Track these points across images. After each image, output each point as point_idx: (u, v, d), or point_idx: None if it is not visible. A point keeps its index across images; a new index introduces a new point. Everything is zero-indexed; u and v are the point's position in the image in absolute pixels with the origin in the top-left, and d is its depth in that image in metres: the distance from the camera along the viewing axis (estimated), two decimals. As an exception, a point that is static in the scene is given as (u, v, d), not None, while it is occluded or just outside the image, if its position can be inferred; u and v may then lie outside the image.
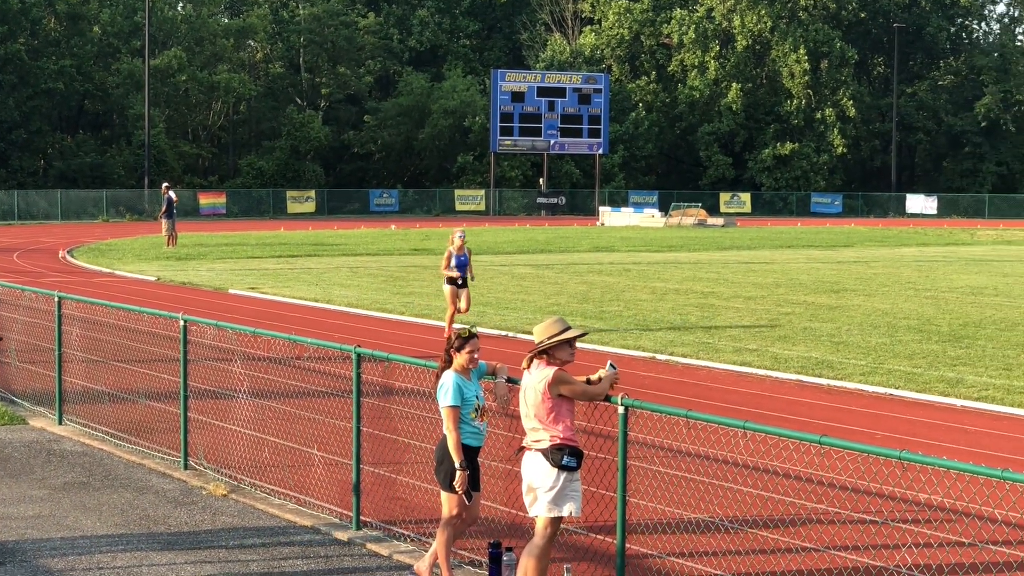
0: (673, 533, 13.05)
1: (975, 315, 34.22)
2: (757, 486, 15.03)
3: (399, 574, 11.97)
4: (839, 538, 13.13)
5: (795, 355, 26.41)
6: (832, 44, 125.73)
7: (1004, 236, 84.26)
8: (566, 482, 10.47)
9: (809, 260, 57.95)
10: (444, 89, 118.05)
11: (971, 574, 12.00)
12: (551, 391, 10.55)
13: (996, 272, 50.96)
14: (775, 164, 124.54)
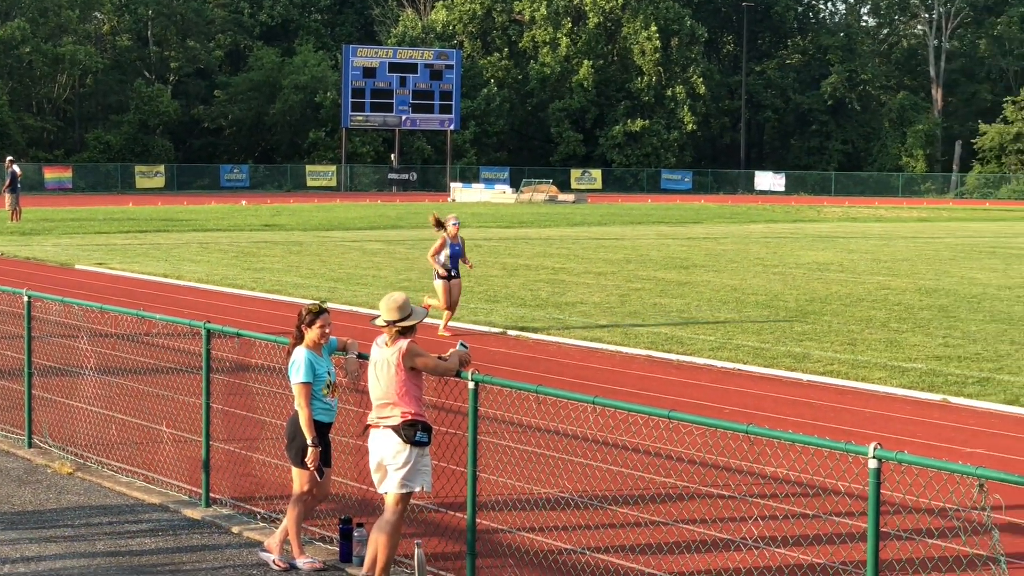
0: (524, 508, 13.09)
1: (821, 291, 34.70)
2: (607, 461, 15.14)
3: (249, 551, 11.86)
4: (688, 511, 13.29)
5: (645, 331, 26.62)
6: (682, 22, 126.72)
7: (849, 213, 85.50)
8: (418, 458, 10.55)
9: (659, 236, 58.33)
10: (295, 64, 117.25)
11: (815, 545, 12.21)
12: (405, 363, 10.58)
13: (841, 248, 51.70)
14: (626, 141, 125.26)
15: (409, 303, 10.77)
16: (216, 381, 13.97)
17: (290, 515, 11.34)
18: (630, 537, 12.46)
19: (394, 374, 10.59)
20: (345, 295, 31.61)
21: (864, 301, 32.36)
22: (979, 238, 58.95)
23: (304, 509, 11.40)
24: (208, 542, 12.30)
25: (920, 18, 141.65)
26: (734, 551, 12.01)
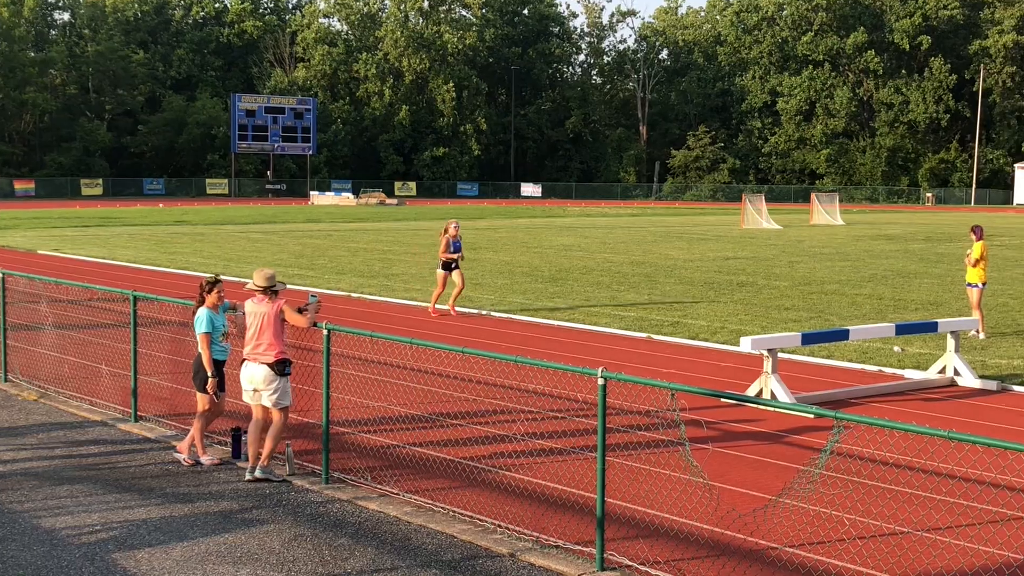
0: (363, 417, 13.11)
1: (566, 264, 35.10)
2: (421, 383, 15.18)
3: (166, 453, 11.72)
4: (475, 417, 13.35)
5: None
6: (470, 80, 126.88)
7: (586, 211, 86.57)
8: (284, 384, 10.74)
9: (455, 227, 58.49)
10: (196, 107, 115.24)
11: (563, 437, 12.34)
12: (279, 316, 10.74)
13: (580, 236, 52.29)
14: (432, 162, 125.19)
15: (275, 276, 10.91)
16: (141, 332, 13.73)
17: (196, 426, 11.36)
18: (437, 435, 12.50)
19: (269, 324, 10.65)
20: (235, 270, 31.06)
21: (595, 271, 32.81)
22: (671, 228, 60.08)
23: (206, 422, 11.44)
24: (137, 447, 12.10)
25: (631, 78, 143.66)
26: (507, 443, 12.12)
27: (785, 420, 13.28)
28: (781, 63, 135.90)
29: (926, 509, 9.81)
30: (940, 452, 11.56)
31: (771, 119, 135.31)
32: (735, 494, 10.13)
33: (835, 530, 9.23)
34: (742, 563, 8.48)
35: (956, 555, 8.70)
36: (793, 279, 30.97)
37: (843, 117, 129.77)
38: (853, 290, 28.13)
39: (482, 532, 9.22)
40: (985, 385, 15.69)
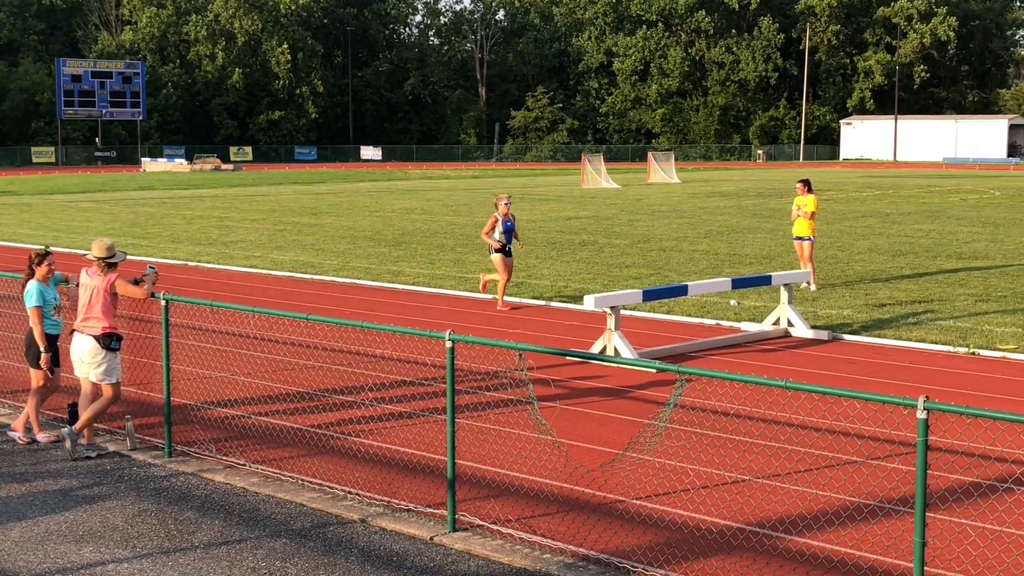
0: (205, 388, 12.86)
1: (409, 227, 34.98)
2: (265, 351, 14.95)
3: (0, 433, 11.31)
4: (317, 382, 13.24)
5: (287, 259, 26.32)
6: (305, 41, 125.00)
7: (427, 174, 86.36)
8: (112, 359, 10.42)
9: (295, 193, 57.64)
10: (19, 72, 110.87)
11: (406, 392, 12.32)
12: (111, 289, 10.41)
13: (422, 199, 52.15)
14: (268, 126, 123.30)
15: (114, 247, 10.57)
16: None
17: (30, 403, 10.98)
18: (283, 404, 12.34)
19: (100, 297, 10.36)
20: (65, 241, 30.12)
21: (438, 234, 32.77)
22: (513, 189, 60.30)
23: (40, 399, 11.05)
24: (-31, 426, 11.64)
25: (469, 38, 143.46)
26: (355, 409, 12.05)
27: (629, 375, 13.49)
28: (616, 23, 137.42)
29: (765, 457, 10.09)
30: (777, 401, 11.91)
31: (607, 79, 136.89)
32: (582, 450, 10.26)
33: (679, 481, 9.43)
34: (591, 517, 8.60)
35: (795, 500, 8.98)
36: (633, 237, 31.45)
37: (677, 77, 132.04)
38: (690, 246, 28.71)
39: (332, 499, 9.16)
40: (817, 335, 16.20)
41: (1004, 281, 21.95)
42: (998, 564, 7.64)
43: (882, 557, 7.82)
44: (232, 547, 8.22)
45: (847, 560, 7.75)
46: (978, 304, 19.02)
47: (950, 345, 15.43)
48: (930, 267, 24.34)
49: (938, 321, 17.35)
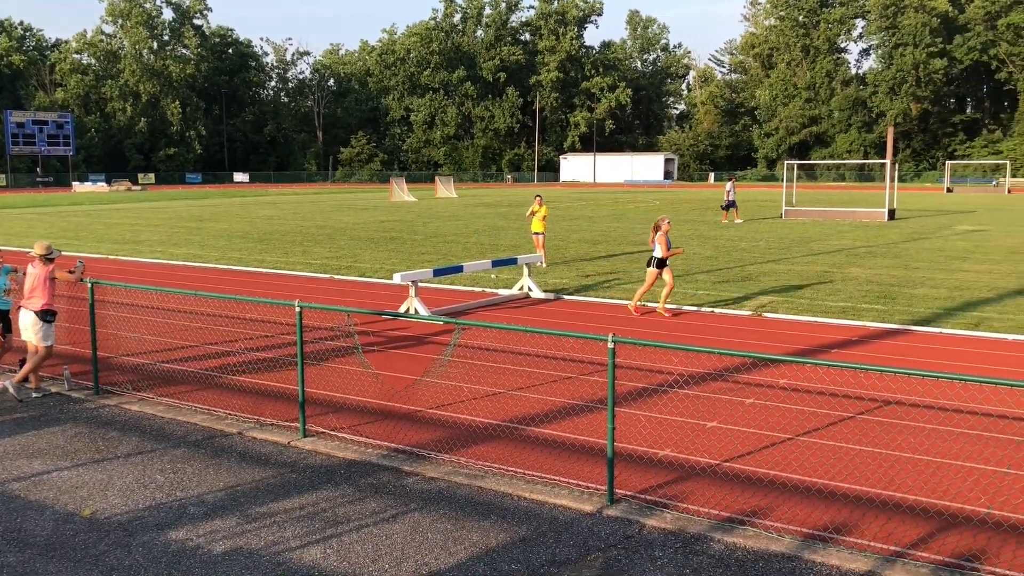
0: (126, 347, 12.14)
1: (270, 229, 33.78)
2: (164, 317, 14.20)
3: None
4: (192, 339, 12.70)
5: (181, 252, 25.00)
6: (192, 99, 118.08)
7: (282, 192, 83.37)
8: (48, 328, 9.76)
9: (186, 206, 54.67)
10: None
11: (268, 370, 11.92)
12: (50, 275, 9.73)
13: (279, 209, 50.30)
14: (166, 159, 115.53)
15: (52, 246, 9.91)
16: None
17: (-10, 360, 10.10)
18: (180, 354, 11.76)
19: (40, 282, 9.65)
20: (15, 243, 27.78)
21: (290, 233, 31.78)
22: (343, 202, 59.15)
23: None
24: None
25: (310, 98, 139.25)
26: (232, 356, 11.61)
27: (426, 327, 13.47)
28: (411, 89, 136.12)
29: (515, 376, 10.26)
30: (522, 340, 12.11)
31: (407, 127, 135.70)
32: (395, 379, 10.19)
33: (459, 395, 9.49)
34: (400, 422, 8.56)
35: (534, 404, 9.17)
36: (426, 234, 31.33)
37: (453, 126, 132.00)
38: (465, 239, 28.81)
39: (217, 419, 8.81)
40: (547, 296, 16.54)
41: (663, 259, 22.94)
42: (659, 439, 8.00)
43: (589, 438, 8.08)
44: (145, 455, 7.82)
45: (568, 441, 7.98)
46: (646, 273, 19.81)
47: (629, 300, 16.02)
48: (617, 251, 25.17)
49: (623, 285, 17.96)
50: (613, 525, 6.21)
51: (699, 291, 16.97)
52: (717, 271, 20.02)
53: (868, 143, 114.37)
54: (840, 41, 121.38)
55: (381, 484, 7.04)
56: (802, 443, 7.85)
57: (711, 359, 11.06)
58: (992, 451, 7.62)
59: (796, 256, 23.23)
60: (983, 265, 21.02)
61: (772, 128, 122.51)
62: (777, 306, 15.17)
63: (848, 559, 5.62)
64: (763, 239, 28.34)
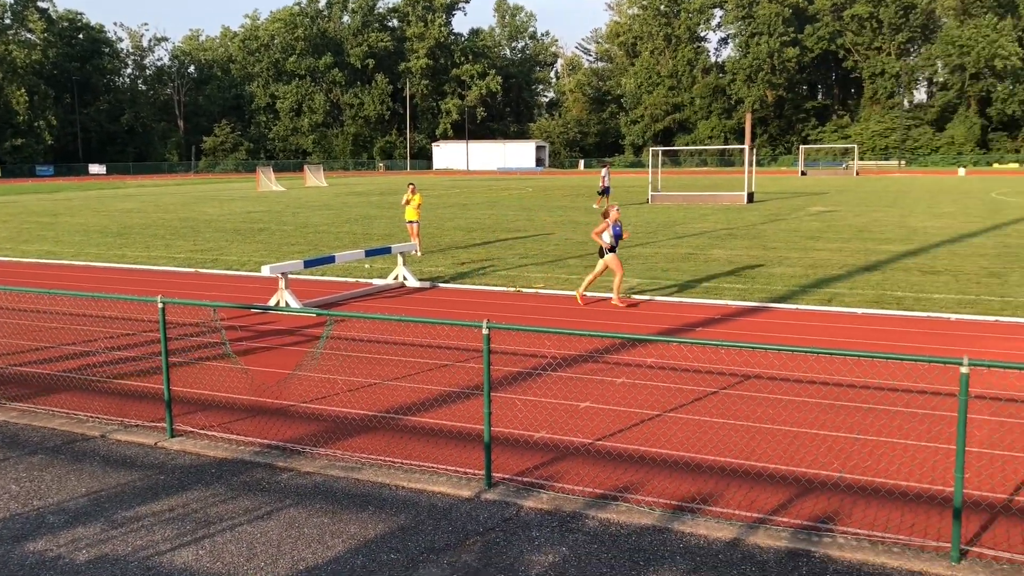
0: None
1: (129, 223, 32.30)
2: (16, 318, 13.40)
3: None
4: (75, 338, 12.06)
5: (33, 249, 23.60)
6: (39, 87, 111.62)
7: (141, 184, 79.73)
8: None
9: (37, 200, 51.60)
10: None
11: (137, 348, 11.42)
12: None
13: (138, 202, 48.22)
14: (13, 150, 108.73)
15: None
16: None
17: None
18: (34, 356, 11.11)
19: None
20: None
21: (151, 227, 30.48)
22: (207, 193, 57.24)
23: None
24: None
25: (169, 86, 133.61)
26: (92, 356, 11.08)
27: (298, 320, 13.21)
28: (277, 75, 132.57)
29: (391, 367, 10.20)
30: (397, 329, 12.06)
31: (273, 115, 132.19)
32: (266, 373, 9.97)
33: (333, 388, 9.37)
34: (273, 418, 8.39)
35: (411, 393, 9.15)
36: (296, 224, 30.66)
37: (321, 113, 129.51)
38: (337, 229, 28.37)
39: (78, 423, 8.39)
40: (423, 285, 16.51)
41: (536, 245, 23.25)
42: (534, 421, 8.15)
43: (467, 424, 8.14)
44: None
45: (446, 428, 8.01)
46: (521, 260, 20.04)
47: (504, 286, 16.18)
48: (491, 238, 25.34)
49: (497, 272, 18.12)
50: (491, 508, 6.29)
51: (572, 276, 17.30)
52: (589, 256, 20.44)
53: (728, 129, 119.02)
54: (700, 30, 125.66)
55: (254, 481, 6.89)
56: (670, 419, 8.15)
57: (584, 341, 11.32)
58: (843, 419, 8.12)
59: (662, 240, 23.98)
60: (834, 244, 22.28)
61: (638, 115, 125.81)
62: (645, 288, 15.64)
63: (715, 528, 5.89)
64: (631, 224, 29.11)
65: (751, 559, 5.47)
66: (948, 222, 28.15)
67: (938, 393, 8.83)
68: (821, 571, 5.31)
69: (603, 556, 5.54)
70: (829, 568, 5.34)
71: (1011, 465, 6.93)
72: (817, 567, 5.36)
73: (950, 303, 13.81)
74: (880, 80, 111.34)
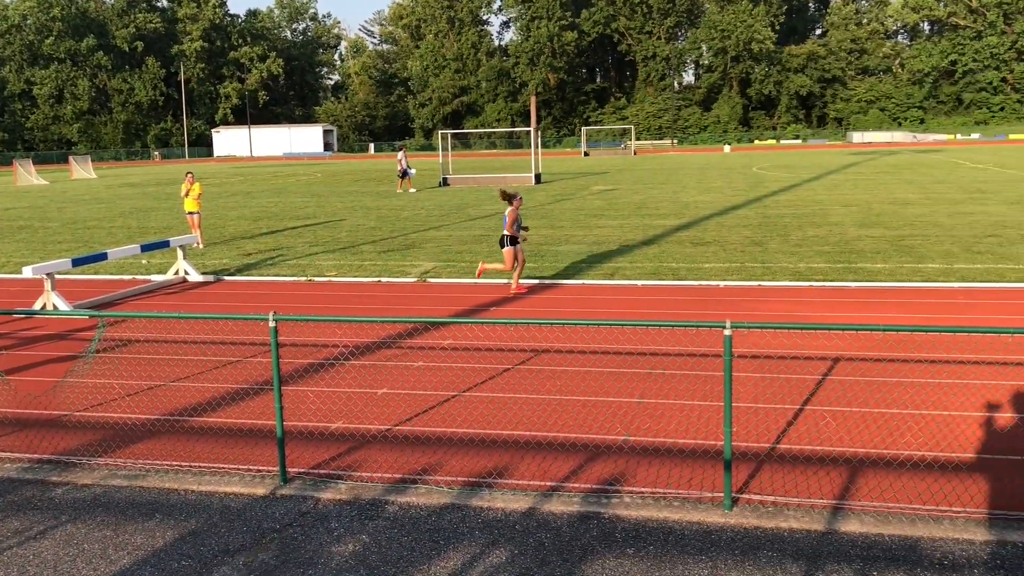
0: None
1: None
2: None
3: None
4: None
5: None
6: None
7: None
8: None
9: None
10: None
11: None
12: None
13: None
14: None
15: None
16: None
17: None
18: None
19: None
20: None
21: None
22: None
23: None
24: None
25: None
26: None
27: (69, 323, 12.26)
28: (32, 59, 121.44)
29: (174, 367, 9.70)
30: (179, 327, 11.47)
31: (30, 102, 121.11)
32: (33, 383, 9.18)
33: (110, 393, 8.79)
34: (43, 430, 7.75)
35: (198, 393, 8.75)
36: (63, 220, 28.36)
37: (86, 100, 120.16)
38: (109, 223, 26.53)
39: None
40: (206, 279, 15.79)
41: (327, 232, 22.83)
42: (330, 412, 8.03)
43: (259, 420, 7.90)
44: None
45: (237, 426, 7.73)
46: (311, 248, 19.62)
47: (295, 276, 15.79)
48: (279, 226, 24.62)
49: (287, 261, 17.64)
50: (288, 504, 6.16)
51: (365, 262, 17.14)
52: (382, 240, 20.34)
53: (515, 112, 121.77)
54: (482, 13, 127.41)
55: (24, 500, 6.36)
56: (467, 398, 8.30)
57: (380, 328, 11.27)
58: (626, 385, 8.59)
59: (455, 222, 24.26)
60: (615, 220, 23.42)
61: (426, 98, 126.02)
62: (440, 271, 15.77)
63: (511, 500, 6.07)
64: (424, 207, 29.22)
65: (546, 526, 5.69)
66: (715, 196, 30.29)
67: (709, 355, 9.53)
68: (610, 531, 5.62)
69: (404, 540, 5.58)
70: (617, 527, 5.66)
71: (773, 417, 7.61)
72: (607, 527, 5.66)
73: (719, 271, 14.92)
74: (652, 63, 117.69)
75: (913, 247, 16.99)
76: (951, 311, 11.43)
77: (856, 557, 5.19)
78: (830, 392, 8.17)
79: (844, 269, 14.79)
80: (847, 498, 5.93)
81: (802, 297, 12.66)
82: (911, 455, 6.63)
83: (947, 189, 30.37)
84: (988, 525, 5.53)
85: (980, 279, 13.54)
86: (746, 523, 5.65)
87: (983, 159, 51.26)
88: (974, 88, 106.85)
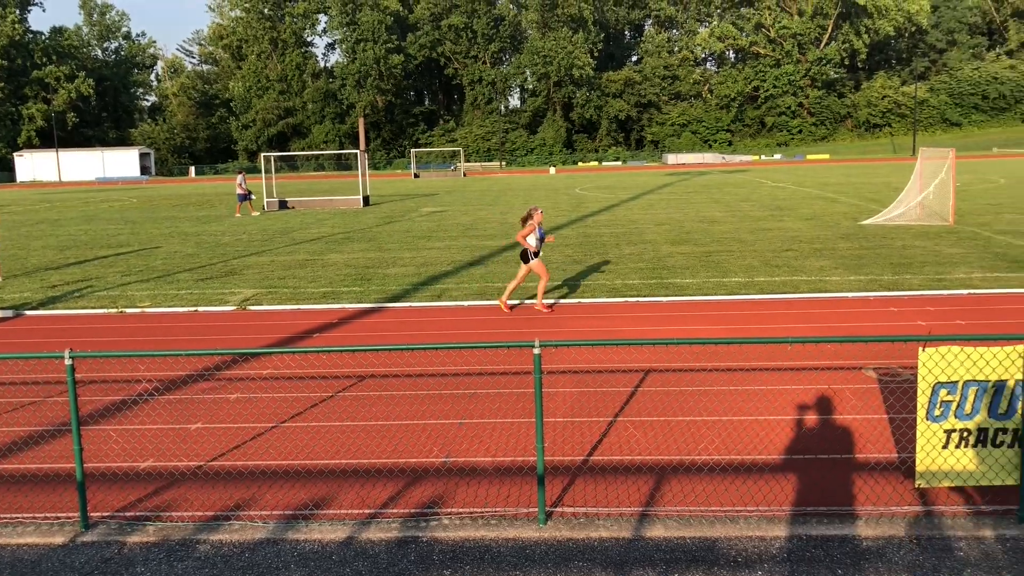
0: None
1: None
2: None
3: None
4: None
5: None
6: None
7: None
8: None
9: None
10: None
11: None
12: None
13: None
14: None
15: None
16: None
17: None
18: None
19: None
20: None
21: None
22: None
23: None
24: None
25: None
26: None
27: None
28: None
29: (-37, 412, 8.94)
30: (-29, 369, 10.57)
31: None
32: None
33: None
34: None
35: (-11, 440, 8.10)
36: None
37: None
38: None
39: None
40: (4, 314, 14.66)
41: (141, 260, 21.72)
42: (138, 451, 7.64)
43: (56, 464, 7.41)
44: None
45: (33, 472, 7.22)
46: (124, 278, 18.61)
47: (105, 308, 14.93)
48: (89, 255, 23.20)
49: (97, 292, 16.66)
50: (89, 551, 5.81)
51: (181, 291, 16.44)
52: (200, 268, 19.57)
53: (343, 133, 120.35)
54: (306, 35, 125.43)
55: None
56: (286, 428, 8.12)
57: (194, 360, 10.83)
58: (447, 407, 8.67)
59: (279, 247, 23.68)
60: (443, 242, 23.59)
61: (249, 120, 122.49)
62: (261, 298, 15.35)
63: (328, 531, 5.99)
64: (246, 232, 28.35)
65: (363, 555, 5.66)
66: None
67: (530, 373, 9.77)
68: (428, 554, 5.65)
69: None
70: (435, 549, 5.70)
71: (587, 430, 7.90)
72: (424, 551, 5.69)
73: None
74: (479, 87, 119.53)
75: (719, 262, 18.09)
76: (751, 321, 12.25)
77: (660, 561, 5.47)
78: (640, 403, 8.57)
79: (656, 285, 15.54)
80: (653, 505, 6.24)
81: (617, 313, 13.20)
82: (708, 460, 7.06)
83: (750, 207, 32.52)
84: (779, 521, 5.97)
85: (777, 291, 14.59)
86: (559, 536, 5.83)
87: (783, 178, 55.26)
88: (775, 112, 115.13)
